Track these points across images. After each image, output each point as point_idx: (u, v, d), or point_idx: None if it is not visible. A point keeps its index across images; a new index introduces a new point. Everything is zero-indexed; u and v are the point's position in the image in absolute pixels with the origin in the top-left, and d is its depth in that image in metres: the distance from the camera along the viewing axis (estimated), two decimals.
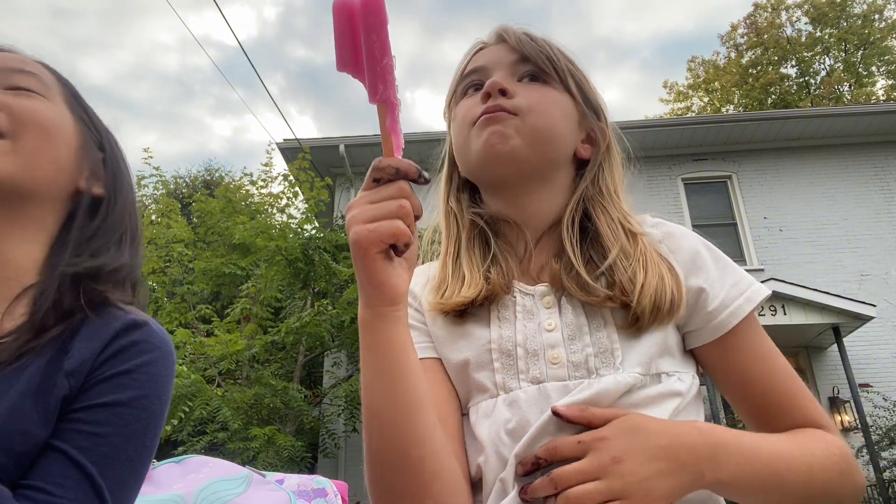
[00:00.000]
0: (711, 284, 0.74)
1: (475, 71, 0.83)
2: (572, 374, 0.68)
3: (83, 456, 0.59)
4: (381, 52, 0.55)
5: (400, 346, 0.60)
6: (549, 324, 0.72)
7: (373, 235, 0.55)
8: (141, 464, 0.65)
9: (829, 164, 9.21)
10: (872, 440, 6.73)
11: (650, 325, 0.69)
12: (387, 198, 0.56)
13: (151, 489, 0.96)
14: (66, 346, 0.63)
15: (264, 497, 0.97)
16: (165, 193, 8.64)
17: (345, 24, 0.56)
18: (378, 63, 0.55)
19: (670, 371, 0.70)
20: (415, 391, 0.60)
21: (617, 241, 0.75)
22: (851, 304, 7.20)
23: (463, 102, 0.83)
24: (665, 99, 24.64)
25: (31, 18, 49.45)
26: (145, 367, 0.66)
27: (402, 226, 0.55)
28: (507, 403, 0.69)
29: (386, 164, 0.57)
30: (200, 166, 21.19)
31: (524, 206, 0.80)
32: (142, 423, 0.64)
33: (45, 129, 0.70)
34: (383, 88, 0.56)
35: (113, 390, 0.63)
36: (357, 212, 0.56)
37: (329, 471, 7.03)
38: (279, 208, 8.85)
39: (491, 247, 0.80)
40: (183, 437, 5.47)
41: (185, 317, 7.07)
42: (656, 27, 45.86)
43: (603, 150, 0.84)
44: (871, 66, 21.65)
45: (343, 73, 0.58)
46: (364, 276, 0.58)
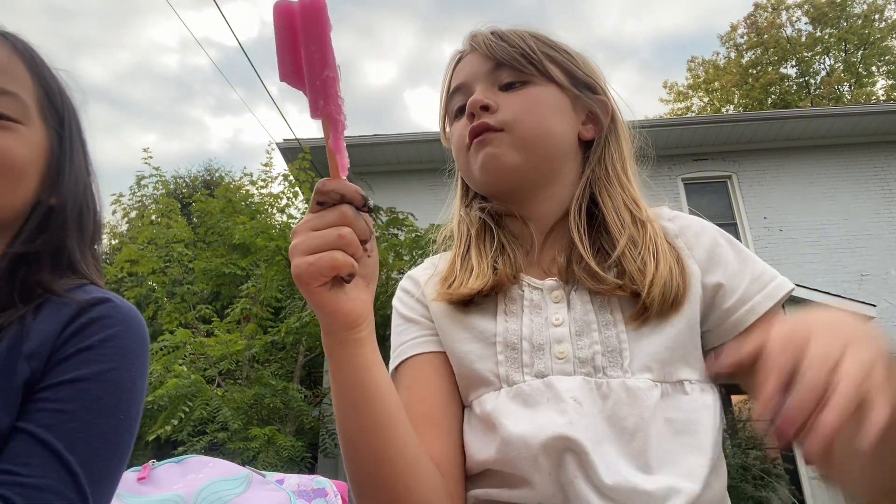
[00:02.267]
0: (730, 279, 0.71)
1: (458, 89, 0.82)
2: (578, 370, 0.67)
3: (49, 433, 0.58)
4: (321, 63, 0.50)
5: (364, 370, 0.59)
6: (557, 318, 0.71)
7: (312, 269, 0.52)
8: (118, 437, 0.63)
9: (829, 164, 9.21)
10: None
11: (657, 317, 0.68)
12: (329, 225, 0.53)
13: (151, 489, 0.96)
14: (25, 330, 0.63)
15: (264, 497, 0.97)
16: (165, 193, 8.64)
17: (286, 30, 0.51)
18: (318, 76, 0.50)
19: (691, 379, 0.68)
20: (382, 413, 0.60)
21: (625, 230, 0.73)
22: (851, 304, 7.20)
23: (454, 127, 0.83)
24: (665, 99, 24.65)
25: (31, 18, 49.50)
26: (109, 342, 0.65)
27: (342, 257, 0.52)
28: (511, 396, 0.68)
29: (331, 189, 0.54)
30: (200, 166, 21.18)
31: (534, 205, 0.80)
32: (113, 397, 0.63)
33: (18, 172, 0.69)
34: (324, 103, 0.51)
35: (76, 367, 0.62)
36: (298, 241, 0.54)
37: (329, 471, 7.03)
38: (279, 208, 8.85)
39: (498, 238, 0.80)
40: (183, 437, 5.47)
41: (185, 317, 7.07)
42: (655, 27, 45.88)
43: (607, 123, 0.82)
44: (871, 66, 21.64)
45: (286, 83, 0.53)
46: (314, 307, 0.56)
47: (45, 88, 0.73)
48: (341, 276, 0.54)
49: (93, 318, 0.66)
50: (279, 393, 5.84)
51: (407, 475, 0.61)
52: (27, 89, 0.71)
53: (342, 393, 0.60)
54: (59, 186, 0.74)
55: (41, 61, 0.74)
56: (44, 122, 0.72)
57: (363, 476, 0.62)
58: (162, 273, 7.26)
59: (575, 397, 0.65)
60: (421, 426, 0.67)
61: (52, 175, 0.73)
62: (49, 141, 0.73)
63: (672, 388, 0.67)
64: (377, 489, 0.61)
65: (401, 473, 0.61)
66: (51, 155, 0.73)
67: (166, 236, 7.48)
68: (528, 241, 0.80)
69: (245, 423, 5.57)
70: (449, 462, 0.69)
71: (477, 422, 0.71)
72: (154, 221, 8.13)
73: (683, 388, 0.67)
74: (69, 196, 0.74)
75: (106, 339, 0.65)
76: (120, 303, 0.69)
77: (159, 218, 8.03)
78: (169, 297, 7.20)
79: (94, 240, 0.79)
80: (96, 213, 0.80)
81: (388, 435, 0.60)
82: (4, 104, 0.68)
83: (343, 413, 0.61)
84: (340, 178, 0.54)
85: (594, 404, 0.65)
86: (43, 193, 0.73)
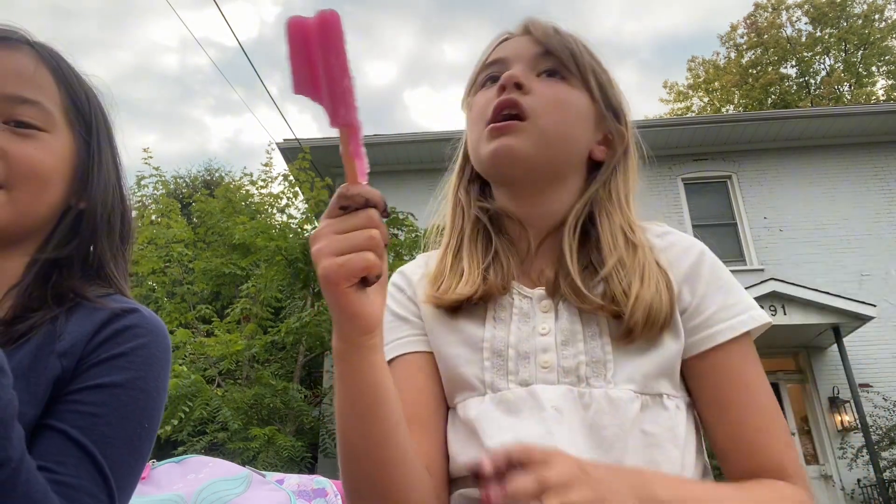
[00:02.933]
0: (700, 300, 0.71)
1: (495, 62, 0.80)
2: (562, 379, 0.68)
3: (82, 435, 0.60)
4: (340, 73, 0.52)
5: (373, 377, 0.59)
6: (544, 328, 0.71)
7: (342, 270, 0.52)
8: (140, 444, 0.65)
9: (829, 164, 9.22)
10: (872, 440, 6.73)
11: (642, 338, 0.68)
12: (356, 227, 0.53)
13: (152, 489, 0.96)
14: (57, 329, 0.65)
15: (264, 497, 0.98)
16: (165, 193, 8.64)
17: (300, 44, 0.53)
18: (338, 85, 0.52)
19: (671, 394, 0.69)
20: (386, 421, 0.60)
21: (615, 251, 0.73)
22: (851, 304, 7.20)
23: (480, 94, 0.80)
24: (665, 99, 24.66)
25: (31, 18, 49.50)
26: (140, 350, 0.67)
27: (373, 258, 0.52)
28: (495, 403, 0.69)
29: (355, 193, 0.53)
30: (200, 166, 21.19)
31: (532, 204, 0.79)
32: (139, 404, 0.65)
33: (42, 179, 0.69)
34: (345, 111, 0.53)
35: (108, 372, 0.64)
36: (324, 244, 0.53)
37: (329, 471, 7.01)
38: (279, 208, 8.86)
39: (493, 244, 0.79)
40: (183, 437, 5.47)
41: (185, 317, 7.07)
42: (655, 27, 45.88)
43: (620, 153, 0.82)
44: (871, 66, 21.65)
45: (301, 94, 0.54)
46: (337, 310, 0.55)
47: (72, 95, 0.74)
48: (367, 279, 0.54)
49: (126, 326, 0.68)
50: (279, 393, 5.84)
51: (405, 482, 0.62)
52: (52, 97, 0.72)
53: (350, 399, 0.60)
54: (88, 191, 0.75)
55: (68, 68, 0.75)
56: (70, 128, 0.74)
57: (362, 482, 0.62)
58: (162, 273, 7.26)
59: (556, 406, 0.66)
60: (409, 427, 0.66)
61: (80, 180, 0.75)
62: (76, 147, 0.74)
63: (651, 401, 0.67)
64: (374, 495, 0.61)
65: (399, 480, 0.61)
66: (78, 160, 0.74)
67: (166, 236, 7.48)
68: (523, 246, 0.80)
69: (245, 423, 5.57)
70: (436, 464, 0.70)
71: (460, 426, 0.71)
72: (154, 221, 8.13)
73: (662, 401, 0.68)
74: (98, 200, 0.76)
75: (137, 347, 0.67)
76: (147, 313, 0.71)
77: (159, 218, 8.03)
78: (169, 297, 7.20)
79: (125, 240, 0.80)
80: (125, 214, 0.81)
81: (392, 443, 0.60)
82: (27, 112, 0.69)
83: (348, 419, 0.60)
84: (360, 182, 0.54)
85: (575, 413, 0.66)
86: (72, 198, 0.74)
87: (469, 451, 0.68)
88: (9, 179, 0.67)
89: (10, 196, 0.67)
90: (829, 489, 7.60)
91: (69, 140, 0.73)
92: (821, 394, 7.93)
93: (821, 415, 7.90)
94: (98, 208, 0.76)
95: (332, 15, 0.52)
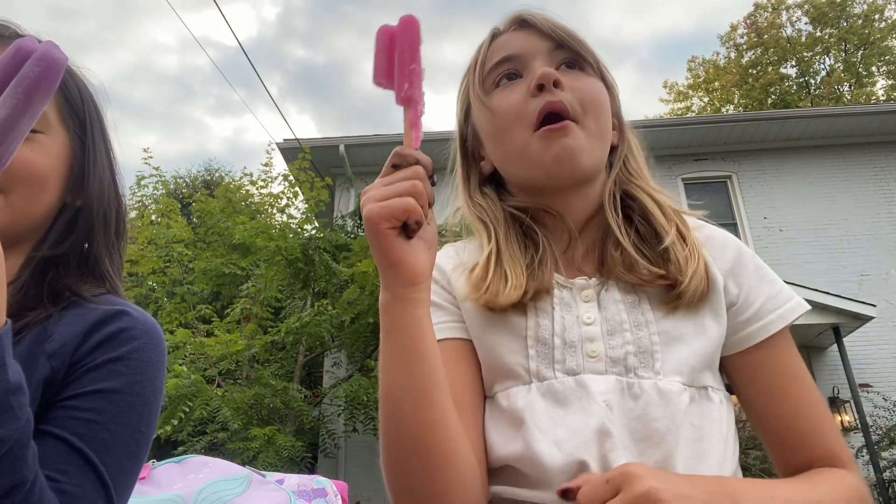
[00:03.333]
0: (748, 293, 0.73)
1: (508, 59, 0.78)
2: (609, 369, 0.67)
3: (83, 442, 0.60)
4: (410, 58, 0.61)
5: (417, 331, 0.59)
6: (589, 317, 0.71)
7: (384, 211, 0.55)
8: (138, 449, 0.65)
9: (829, 164, 9.21)
10: (872, 440, 6.73)
11: (685, 308, 0.69)
12: (401, 179, 0.57)
13: (151, 489, 0.96)
14: (47, 330, 0.64)
15: (264, 497, 0.97)
16: (165, 193, 8.63)
17: (384, 43, 0.63)
18: (406, 66, 0.61)
19: (715, 387, 0.69)
20: (430, 377, 0.60)
21: (671, 225, 0.74)
22: (851, 304, 7.20)
23: (501, 94, 0.77)
24: (665, 99, 24.64)
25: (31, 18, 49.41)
26: (135, 354, 0.67)
27: (413, 202, 0.55)
28: (542, 392, 0.67)
29: (407, 153, 0.58)
30: (200, 166, 21.18)
31: (574, 197, 0.78)
32: (136, 409, 0.65)
33: (40, 181, 0.69)
34: (408, 87, 0.61)
35: (106, 377, 0.64)
36: (372, 192, 0.57)
37: (329, 471, 7.02)
38: (279, 208, 8.84)
39: (536, 241, 0.77)
40: (183, 437, 5.46)
41: (185, 317, 7.06)
42: (655, 27, 45.87)
43: (624, 133, 0.83)
44: (871, 66, 21.63)
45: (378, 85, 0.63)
46: (379, 254, 0.58)
47: (66, 94, 0.74)
48: (409, 226, 0.57)
49: (120, 329, 0.67)
50: (279, 393, 5.84)
51: (445, 447, 0.60)
52: None
53: (394, 352, 0.60)
54: (84, 189, 0.75)
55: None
56: (65, 127, 0.73)
57: (404, 440, 0.60)
58: (162, 273, 7.25)
59: (607, 401, 0.65)
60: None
61: (76, 179, 0.74)
62: (71, 145, 0.74)
63: (698, 394, 0.67)
64: (413, 455, 0.60)
65: (438, 444, 0.60)
66: (73, 159, 0.74)
67: (166, 236, 7.47)
68: (564, 237, 0.79)
69: (245, 423, 5.56)
70: (479, 449, 0.69)
71: (501, 415, 0.70)
72: (154, 221, 8.12)
73: (708, 394, 0.68)
74: (94, 197, 0.75)
75: (132, 350, 0.67)
76: (139, 314, 0.71)
77: (159, 218, 8.02)
78: (169, 297, 7.19)
79: (119, 236, 0.80)
80: (119, 209, 0.81)
81: (434, 399, 0.60)
82: None
83: (392, 373, 0.60)
84: (414, 147, 0.60)
85: (624, 405, 0.65)
86: (68, 197, 0.74)
87: (513, 443, 0.67)
88: (6, 184, 0.66)
89: (7, 200, 0.67)
90: None
91: (64, 139, 0.73)
92: (821, 394, 7.93)
93: None
94: (94, 205, 0.75)
95: (413, 18, 0.62)
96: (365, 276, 6.07)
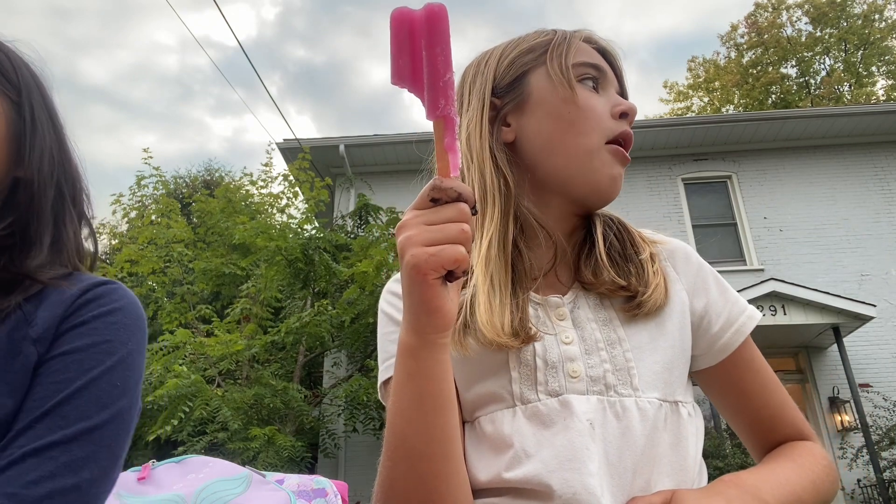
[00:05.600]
0: (713, 304, 0.76)
1: (595, 67, 0.77)
2: (590, 388, 0.67)
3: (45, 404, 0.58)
4: (444, 66, 0.53)
5: (442, 376, 0.58)
6: (567, 336, 0.70)
7: (433, 260, 0.51)
8: (114, 403, 0.62)
9: (829, 164, 9.21)
10: (872, 440, 6.73)
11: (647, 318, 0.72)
12: (448, 220, 0.52)
13: (151, 489, 0.96)
14: (28, 316, 0.63)
15: (264, 497, 0.97)
16: (165, 193, 8.64)
17: (404, 35, 0.54)
18: (441, 77, 0.53)
19: (684, 401, 0.71)
20: (451, 425, 0.59)
21: (647, 247, 0.77)
22: (851, 304, 7.20)
23: (592, 95, 0.76)
24: (665, 99, 24.66)
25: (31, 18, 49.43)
26: (105, 317, 0.65)
27: (464, 252, 0.51)
28: (527, 416, 0.67)
29: (449, 186, 0.53)
30: (200, 166, 21.16)
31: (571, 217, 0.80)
32: (106, 367, 0.63)
33: None
34: (444, 104, 0.53)
35: (70, 340, 0.62)
36: (414, 233, 0.52)
37: (329, 471, 7.03)
38: (279, 208, 8.87)
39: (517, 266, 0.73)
40: (183, 437, 5.47)
41: (185, 317, 7.07)
42: (654, 27, 45.87)
43: None
44: (871, 66, 21.64)
45: (398, 86, 0.55)
46: (419, 303, 0.54)
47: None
48: (453, 273, 0.53)
49: (91, 297, 0.66)
50: (279, 393, 5.84)
51: (457, 493, 0.61)
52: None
53: (417, 398, 0.58)
54: (25, 159, 0.71)
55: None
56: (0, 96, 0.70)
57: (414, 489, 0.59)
58: (162, 273, 7.26)
59: (590, 419, 0.65)
60: None
61: (14, 148, 0.71)
62: (10, 114, 0.70)
63: (671, 409, 0.69)
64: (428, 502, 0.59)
65: (451, 493, 0.60)
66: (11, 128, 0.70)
67: (166, 236, 7.48)
68: (549, 252, 0.76)
69: (245, 423, 5.57)
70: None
71: (484, 439, 0.69)
72: (154, 221, 8.13)
73: (678, 409, 0.70)
74: (35, 167, 0.71)
75: (101, 314, 0.65)
76: (121, 288, 0.69)
77: (159, 218, 8.03)
78: (169, 297, 7.20)
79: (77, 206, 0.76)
80: (77, 180, 0.77)
81: (451, 454, 0.59)
82: None
83: (412, 422, 0.59)
84: (453, 176, 0.54)
85: (608, 423, 0.66)
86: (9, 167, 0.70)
87: (494, 466, 0.66)
88: None
89: None
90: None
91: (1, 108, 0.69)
92: (821, 394, 7.93)
93: (821, 415, 7.90)
94: (35, 176, 0.71)
95: (440, 8, 0.53)
96: (365, 276, 6.07)
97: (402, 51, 0.54)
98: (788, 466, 0.70)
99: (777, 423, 0.75)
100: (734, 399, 0.77)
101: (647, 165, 9.15)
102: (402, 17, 0.54)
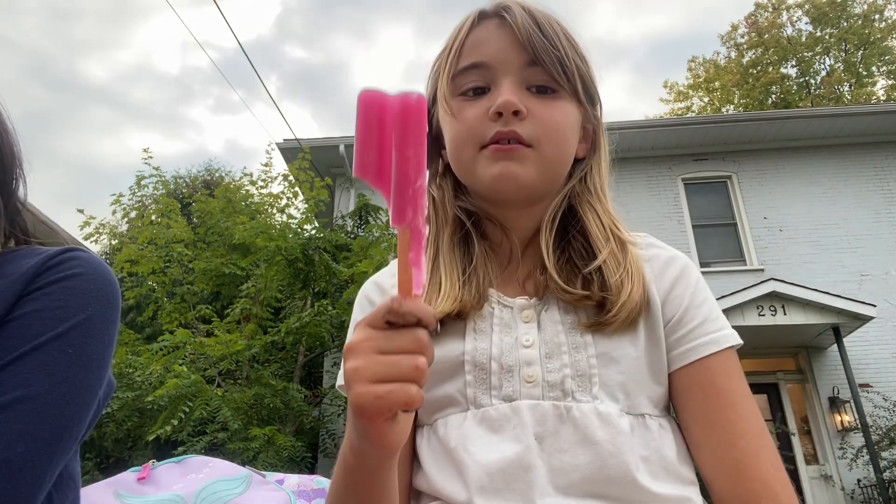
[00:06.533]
0: (685, 312, 0.70)
1: (476, 66, 0.72)
2: (546, 394, 0.65)
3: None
4: (416, 171, 0.46)
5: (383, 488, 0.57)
6: (527, 339, 0.69)
7: (380, 403, 0.45)
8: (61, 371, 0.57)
9: (829, 164, 9.22)
10: (872, 440, 6.73)
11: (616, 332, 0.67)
12: (402, 350, 0.45)
13: (151, 489, 0.96)
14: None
15: (264, 497, 0.98)
16: (165, 193, 8.63)
17: (373, 123, 0.47)
18: (411, 185, 0.46)
19: (652, 414, 0.68)
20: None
21: (607, 245, 0.72)
22: (851, 304, 7.20)
23: (465, 106, 0.73)
24: (665, 99, 24.66)
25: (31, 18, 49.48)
26: (61, 282, 0.61)
27: (416, 392, 0.45)
28: (477, 420, 0.66)
29: (407, 311, 0.45)
30: (200, 166, 21.14)
31: (519, 216, 0.77)
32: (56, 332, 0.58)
33: None
34: (412, 214, 0.46)
35: (22, 306, 0.59)
36: (362, 364, 0.46)
37: (329, 471, 7.00)
38: (279, 208, 8.85)
39: (472, 250, 0.75)
40: (183, 437, 5.46)
41: (185, 317, 7.06)
42: (652, 28, 45.87)
43: (598, 144, 0.80)
44: (871, 66, 21.64)
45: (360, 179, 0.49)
46: (363, 437, 0.50)
47: None
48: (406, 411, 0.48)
49: (48, 266, 0.62)
50: (279, 393, 5.84)
51: None
52: None
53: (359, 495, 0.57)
54: None
55: None
56: None
57: None
58: (162, 273, 7.25)
59: (538, 430, 0.64)
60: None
61: None
62: None
63: (636, 422, 0.66)
64: None
65: None
66: None
67: (166, 236, 7.47)
68: (505, 251, 0.77)
69: (245, 423, 5.57)
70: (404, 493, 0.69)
71: (438, 444, 0.68)
72: (154, 221, 8.11)
73: (646, 422, 0.66)
74: None
75: (55, 280, 0.61)
76: (87, 255, 0.65)
77: (159, 218, 8.01)
78: (169, 297, 7.20)
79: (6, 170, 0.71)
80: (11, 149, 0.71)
81: None
82: None
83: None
84: (415, 294, 0.47)
85: (563, 430, 0.64)
86: None
87: (448, 470, 0.66)
88: None
89: None
90: (829, 489, 7.60)
91: None
92: (821, 394, 7.93)
93: (821, 415, 7.90)
94: None
95: (418, 101, 0.46)
96: (365, 276, 6.06)
97: (368, 143, 0.48)
98: None
99: (742, 473, 0.62)
100: (694, 427, 0.67)
101: (647, 165, 9.15)
102: (373, 101, 0.47)
